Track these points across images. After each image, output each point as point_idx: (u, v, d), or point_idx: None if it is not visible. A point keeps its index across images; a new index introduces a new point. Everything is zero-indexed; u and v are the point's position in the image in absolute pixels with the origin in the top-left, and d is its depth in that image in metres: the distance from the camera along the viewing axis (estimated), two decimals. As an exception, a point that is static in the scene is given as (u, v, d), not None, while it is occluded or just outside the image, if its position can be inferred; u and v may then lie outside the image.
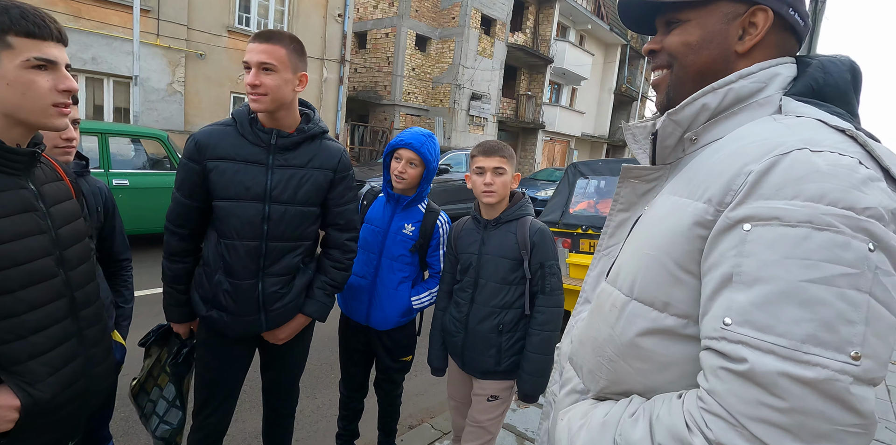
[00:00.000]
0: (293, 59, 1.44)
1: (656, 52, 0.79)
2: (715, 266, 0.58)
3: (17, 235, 0.93)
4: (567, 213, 4.09)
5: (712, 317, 0.57)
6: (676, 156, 0.77)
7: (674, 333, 0.64)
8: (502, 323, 1.70)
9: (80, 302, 1.09)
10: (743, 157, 0.60)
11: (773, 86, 0.70)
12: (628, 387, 0.70)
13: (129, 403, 2.60)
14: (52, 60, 0.94)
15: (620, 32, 24.53)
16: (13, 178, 0.96)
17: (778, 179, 0.55)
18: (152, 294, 4.31)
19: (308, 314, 1.65)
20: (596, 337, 0.76)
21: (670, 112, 0.73)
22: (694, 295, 0.62)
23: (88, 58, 8.66)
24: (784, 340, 0.50)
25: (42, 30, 0.92)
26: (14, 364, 0.95)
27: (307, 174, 1.53)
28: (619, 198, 0.85)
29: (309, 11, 11.90)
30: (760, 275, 0.53)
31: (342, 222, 1.66)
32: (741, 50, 0.72)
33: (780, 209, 0.53)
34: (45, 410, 1.00)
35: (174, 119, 9.85)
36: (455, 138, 16.76)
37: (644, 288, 0.67)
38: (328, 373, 3.16)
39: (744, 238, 0.55)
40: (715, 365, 0.55)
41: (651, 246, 0.68)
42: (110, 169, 5.20)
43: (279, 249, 1.53)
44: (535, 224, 1.72)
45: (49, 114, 0.96)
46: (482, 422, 1.78)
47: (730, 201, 0.58)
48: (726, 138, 0.68)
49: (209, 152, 1.47)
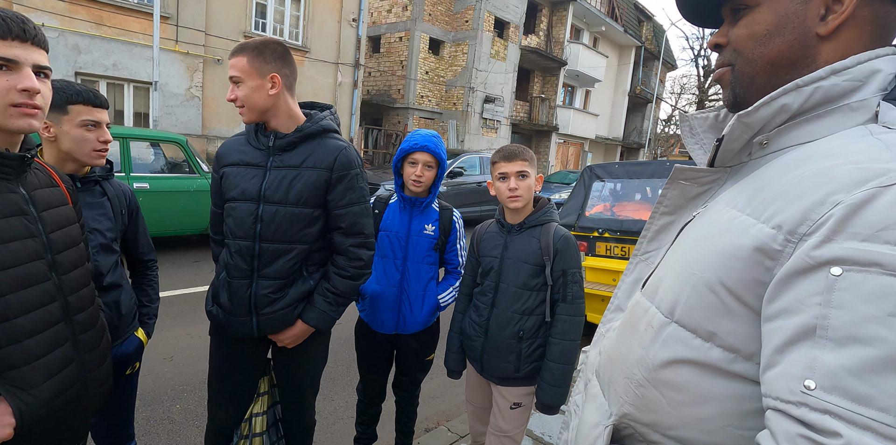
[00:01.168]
0: (256, 64, 1.45)
1: (722, 47, 0.69)
2: (788, 312, 0.49)
3: (3, 239, 0.93)
4: (583, 217, 4.07)
5: (786, 376, 0.48)
6: (739, 160, 0.67)
7: (717, 367, 0.57)
8: (523, 329, 1.68)
9: (73, 306, 1.08)
10: (830, 183, 0.50)
11: (871, 86, 0.58)
12: (656, 419, 0.64)
13: (151, 402, 2.66)
14: (10, 59, 0.90)
15: (634, 34, 24.39)
16: (2, 183, 0.95)
17: (878, 217, 0.46)
18: (172, 295, 4.37)
19: (305, 320, 1.56)
20: (626, 356, 0.70)
21: (741, 114, 0.62)
22: (747, 329, 0.55)
23: (110, 64, 8.86)
24: (887, 417, 0.42)
25: (0, 28, 0.88)
26: (8, 368, 0.94)
27: (299, 174, 1.51)
28: (665, 200, 0.77)
29: (324, 16, 12.03)
30: (857, 334, 0.44)
31: (344, 226, 1.56)
32: (824, 32, 0.60)
33: (884, 254, 0.44)
34: (42, 416, 0.99)
35: (192, 123, 10.01)
36: (468, 141, 16.78)
37: (688, 312, 0.60)
38: (344, 375, 3.18)
39: (832, 284, 0.46)
40: (793, 432, 0.46)
41: (700, 265, 0.60)
42: (131, 172, 5.29)
43: (272, 251, 1.52)
44: (560, 230, 1.70)
45: (8, 116, 0.92)
46: (508, 431, 1.76)
47: (805, 232, 0.50)
48: (807, 150, 0.58)
49: (223, 160, 1.59)
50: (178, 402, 2.72)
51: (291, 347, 1.63)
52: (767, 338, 0.52)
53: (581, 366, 0.96)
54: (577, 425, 0.84)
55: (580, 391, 0.89)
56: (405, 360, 2.07)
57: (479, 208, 9.35)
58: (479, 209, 9.32)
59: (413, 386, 2.16)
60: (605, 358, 0.78)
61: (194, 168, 5.78)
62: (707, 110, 0.76)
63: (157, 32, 8.43)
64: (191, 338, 3.54)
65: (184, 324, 3.77)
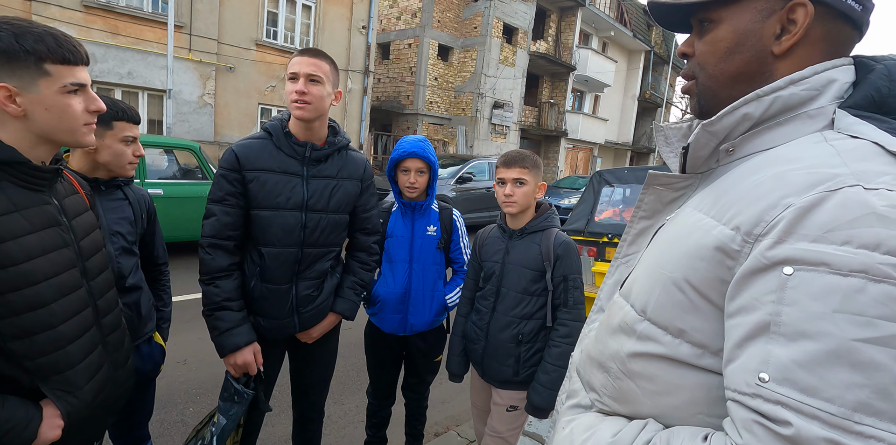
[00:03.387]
0: (333, 75, 1.57)
1: (689, 57, 0.73)
2: (746, 309, 0.52)
3: (44, 250, 0.97)
4: (592, 222, 4.07)
5: (743, 369, 0.51)
6: (709, 166, 0.71)
7: (686, 362, 0.60)
8: (521, 333, 1.70)
9: (102, 309, 1.13)
10: (783, 187, 0.54)
11: (827, 94, 0.61)
12: (633, 409, 0.67)
13: (165, 405, 2.70)
14: (83, 83, 1.00)
15: (644, 39, 24.34)
16: (38, 194, 1.00)
17: (825, 220, 0.49)
18: (186, 300, 4.43)
19: (339, 312, 1.74)
20: (602, 352, 0.73)
21: (706, 123, 0.66)
22: (713, 326, 0.58)
23: (125, 72, 9.03)
24: (832, 407, 0.45)
25: (76, 56, 0.97)
26: (54, 373, 0.99)
27: (339, 184, 1.64)
28: (643, 204, 0.80)
29: (334, 24, 12.17)
30: (806, 330, 0.47)
31: (369, 226, 1.80)
32: (778, 51, 0.63)
33: (830, 254, 0.47)
34: (85, 416, 1.05)
35: (205, 130, 10.15)
36: (477, 147, 16.81)
37: (658, 310, 0.63)
38: (355, 380, 3.20)
39: (784, 283, 0.49)
40: (748, 419, 0.50)
41: (669, 265, 0.63)
42: (146, 179, 5.39)
43: (313, 255, 1.63)
44: (561, 236, 1.71)
45: (82, 134, 1.02)
46: (502, 432, 1.77)
47: (760, 233, 0.53)
48: (766, 156, 0.62)
49: (249, 164, 1.53)
50: (192, 405, 2.76)
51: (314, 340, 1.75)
52: (729, 334, 0.55)
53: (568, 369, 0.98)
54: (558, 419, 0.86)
55: (565, 390, 0.92)
56: (414, 361, 2.10)
57: (489, 213, 9.35)
58: (488, 214, 9.32)
59: (422, 388, 2.18)
60: (586, 355, 0.81)
61: (207, 174, 5.86)
62: (680, 121, 0.80)
63: (170, 41, 8.58)
64: (203, 342, 3.58)
65: (197, 328, 3.82)
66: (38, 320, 0.96)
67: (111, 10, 8.71)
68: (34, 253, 0.95)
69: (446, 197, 8.70)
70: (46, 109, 0.95)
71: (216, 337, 1.54)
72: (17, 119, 0.94)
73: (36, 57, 0.91)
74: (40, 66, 0.92)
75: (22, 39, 0.90)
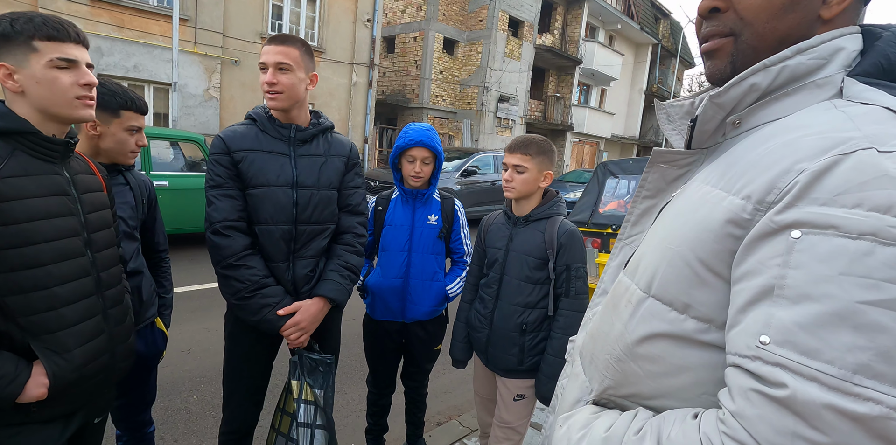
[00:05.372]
0: (305, 59, 1.55)
1: (720, 12, 0.66)
2: (751, 274, 0.52)
3: (48, 214, 1.05)
4: (597, 213, 4.05)
5: (745, 333, 0.50)
6: (715, 141, 0.69)
7: (691, 338, 0.59)
8: (526, 322, 1.69)
9: (104, 282, 1.19)
10: (795, 152, 0.52)
11: (834, 63, 0.60)
12: (635, 390, 0.65)
13: (169, 393, 2.72)
14: (72, 59, 1.05)
15: (651, 32, 24.11)
16: (49, 165, 1.08)
17: (837, 183, 0.48)
18: (190, 290, 4.46)
19: (324, 295, 1.61)
20: (607, 334, 0.71)
21: (713, 95, 0.64)
22: (719, 298, 0.57)
23: (131, 66, 9.05)
24: (832, 368, 0.44)
25: (60, 33, 1.04)
26: (45, 332, 1.05)
27: (326, 160, 1.65)
28: (646, 183, 0.78)
29: (339, 17, 12.13)
30: (810, 292, 0.47)
31: (352, 203, 1.73)
32: (827, 15, 0.61)
33: (839, 217, 0.46)
34: (72, 380, 1.09)
35: (210, 123, 10.18)
36: (482, 140, 16.76)
37: (664, 285, 0.61)
38: (357, 369, 3.21)
39: (791, 246, 0.49)
40: (745, 386, 0.49)
41: (675, 240, 0.61)
42: (151, 171, 5.42)
43: (308, 232, 1.62)
44: (565, 225, 1.69)
45: (74, 106, 1.07)
46: (511, 423, 1.77)
47: (773, 201, 0.52)
48: (775, 126, 0.60)
49: (235, 145, 1.55)
50: (196, 393, 2.78)
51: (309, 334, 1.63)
52: (733, 300, 0.54)
53: (569, 352, 0.97)
54: (560, 404, 0.85)
55: (566, 374, 0.90)
56: (413, 350, 2.10)
57: (494, 207, 9.34)
58: (492, 208, 9.30)
59: (421, 376, 2.19)
60: (589, 337, 0.79)
61: (212, 166, 5.88)
62: (682, 98, 0.78)
63: (176, 34, 8.58)
64: (207, 332, 3.61)
65: (201, 318, 3.85)
66: (34, 279, 1.03)
67: (117, 4, 8.73)
68: (37, 215, 1.03)
69: (451, 190, 8.70)
70: (37, 83, 1.03)
71: (269, 315, 1.52)
72: (20, 95, 1.04)
73: (25, 36, 1.00)
74: (29, 44, 1.01)
75: (15, 22, 1.01)
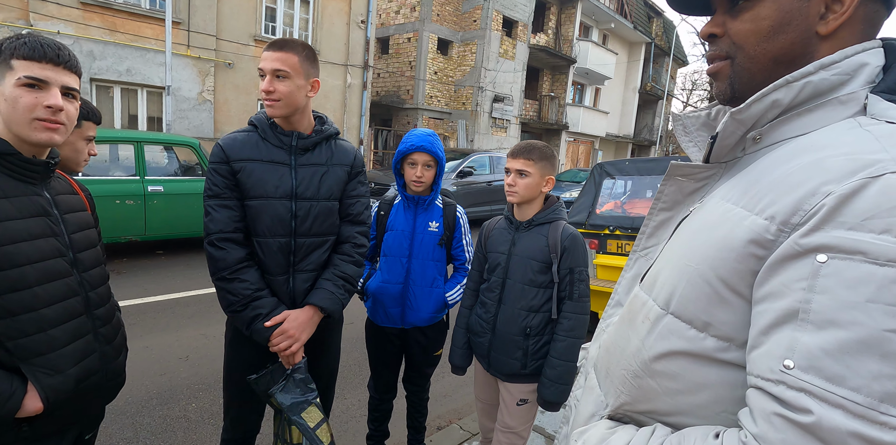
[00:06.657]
0: (305, 65, 1.50)
1: (717, 37, 0.68)
2: (774, 296, 0.51)
3: (30, 236, 1.04)
4: (594, 214, 4.05)
5: (768, 355, 0.50)
6: (734, 155, 0.68)
7: (711, 356, 0.58)
8: (529, 326, 1.69)
9: (93, 301, 1.18)
10: (822, 174, 0.51)
11: (858, 79, 0.59)
12: (652, 406, 0.65)
13: (167, 401, 2.70)
14: (40, 79, 1.02)
15: (644, 30, 24.19)
16: (29, 186, 1.07)
17: (865, 207, 0.47)
18: (187, 296, 4.43)
19: (314, 303, 1.56)
20: (624, 349, 0.71)
21: (734, 111, 0.63)
22: (740, 318, 0.56)
23: (123, 69, 9.00)
24: (858, 396, 0.44)
25: (36, 52, 1.01)
26: (36, 355, 1.04)
27: (328, 170, 1.60)
28: (663, 196, 0.78)
29: (332, 19, 12.10)
30: (836, 318, 0.46)
31: (353, 213, 1.67)
32: (824, 31, 0.60)
33: (867, 242, 0.46)
34: (66, 400, 1.09)
35: (204, 127, 10.13)
36: (478, 141, 16.76)
37: (683, 303, 0.61)
38: (357, 374, 3.20)
39: (817, 270, 0.48)
40: (768, 410, 0.48)
41: (695, 257, 0.61)
42: (145, 175, 5.38)
43: (308, 245, 1.58)
44: (568, 228, 1.71)
45: (33, 128, 1.03)
46: (514, 427, 1.76)
47: (798, 222, 0.51)
48: (798, 143, 0.59)
49: (235, 154, 1.52)
50: (194, 401, 2.76)
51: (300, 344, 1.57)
52: (755, 321, 0.54)
53: (582, 362, 0.97)
54: (574, 416, 0.85)
55: (580, 385, 0.90)
56: (413, 355, 2.09)
57: (489, 207, 9.35)
58: (488, 208, 9.32)
59: (422, 380, 2.18)
60: (604, 350, 0.78)
61: (207, 170, 5.86)
62: (699, 109, 0.77)
63: (169, 38, 8.54)
64: (205, 338, 3.59)
65: (198, 325, 3.82)
66: (21, 301, 1.01)
67: (109, 7, 8.67)
68: (19, 237, 1.01)
69: (447, 191, 8.69)
70: (5, 100, 1.01)
71: (258, 324, 1.48)
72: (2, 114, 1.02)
73: (6, 54, 1.01)
74: (8, 62, 1.01)
75: (4, 42, 1.02)
